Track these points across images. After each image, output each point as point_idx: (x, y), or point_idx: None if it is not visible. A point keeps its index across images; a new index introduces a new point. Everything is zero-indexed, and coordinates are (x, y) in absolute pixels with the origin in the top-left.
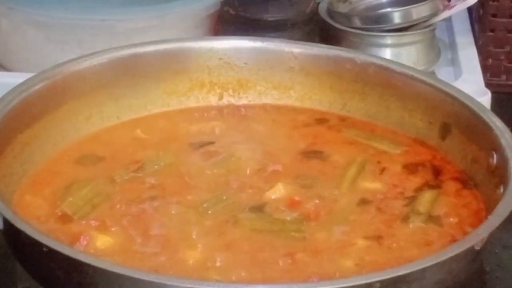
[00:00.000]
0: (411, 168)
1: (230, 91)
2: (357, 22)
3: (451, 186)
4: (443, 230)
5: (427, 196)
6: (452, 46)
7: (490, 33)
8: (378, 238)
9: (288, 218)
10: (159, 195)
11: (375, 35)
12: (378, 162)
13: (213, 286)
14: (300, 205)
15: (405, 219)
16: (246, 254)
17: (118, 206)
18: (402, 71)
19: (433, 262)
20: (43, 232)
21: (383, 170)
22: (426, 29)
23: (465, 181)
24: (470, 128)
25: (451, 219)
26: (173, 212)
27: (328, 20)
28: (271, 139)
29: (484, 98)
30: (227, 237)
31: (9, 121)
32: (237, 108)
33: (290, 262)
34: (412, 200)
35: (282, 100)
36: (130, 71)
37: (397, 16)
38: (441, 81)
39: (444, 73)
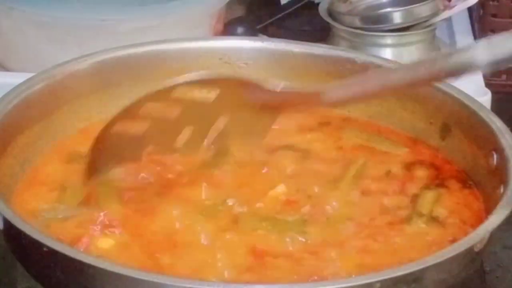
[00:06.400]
0: (411, 169)
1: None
2: (357, 22)
3: (452, 186)
4: (445, 231)
5: (428, 196)
6: (452, 46)
7: (490, 33)
8: (379, 239)
9: (290, 219)
10: (161, 194)
11: (375, 35)
12: (379, 163)
13: (213, 286)
14: (302, 206)
15: (407, 220)
16: (247, 254)
17: (120, 207)
18: None
19: (433, 262)
20: (43, 232)
21: (383, 170)
22: (426, 29)
23: (465, 181)
24: (470, 128)
25: (453, 220)
26: (174, 212)
27: (328, 20)
28: (271, 139)
29: (484, 98)
30: (228, 238)
31: (9, 121)
32: None
33: (291, 262)
34: (413, 200)
35: None
36: (130, 71)
37: (397, 16)
38: None
39: None
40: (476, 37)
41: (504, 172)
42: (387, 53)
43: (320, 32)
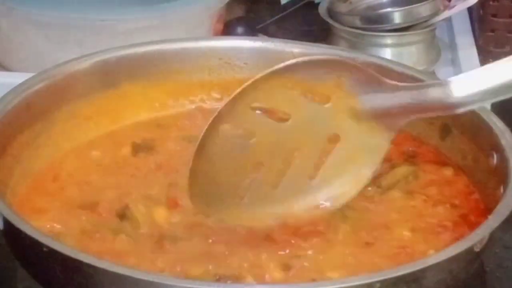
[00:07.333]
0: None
1: (230, 91)
2: (357, 22)
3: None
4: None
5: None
6: (452, 46)
7: (490, 33)
8: (412, 228)
9: None
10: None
11: (375, 35)
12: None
13: (213, 286)
14: None
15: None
16: None
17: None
18: (402, 71)
19: (433, 262)
20: (43, 232)
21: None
22: (426, 29)
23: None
24: (470, 128)
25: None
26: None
27: (328, 20)
28: None
29: None
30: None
31: (9, 121)
32: None
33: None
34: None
35: None
36: (130, 71)
37: (397, 16)
38: None
39: (444, 73)
40: (476, 37)
41: (504, 172)
42: (387, 53)
43: (320, 32)
